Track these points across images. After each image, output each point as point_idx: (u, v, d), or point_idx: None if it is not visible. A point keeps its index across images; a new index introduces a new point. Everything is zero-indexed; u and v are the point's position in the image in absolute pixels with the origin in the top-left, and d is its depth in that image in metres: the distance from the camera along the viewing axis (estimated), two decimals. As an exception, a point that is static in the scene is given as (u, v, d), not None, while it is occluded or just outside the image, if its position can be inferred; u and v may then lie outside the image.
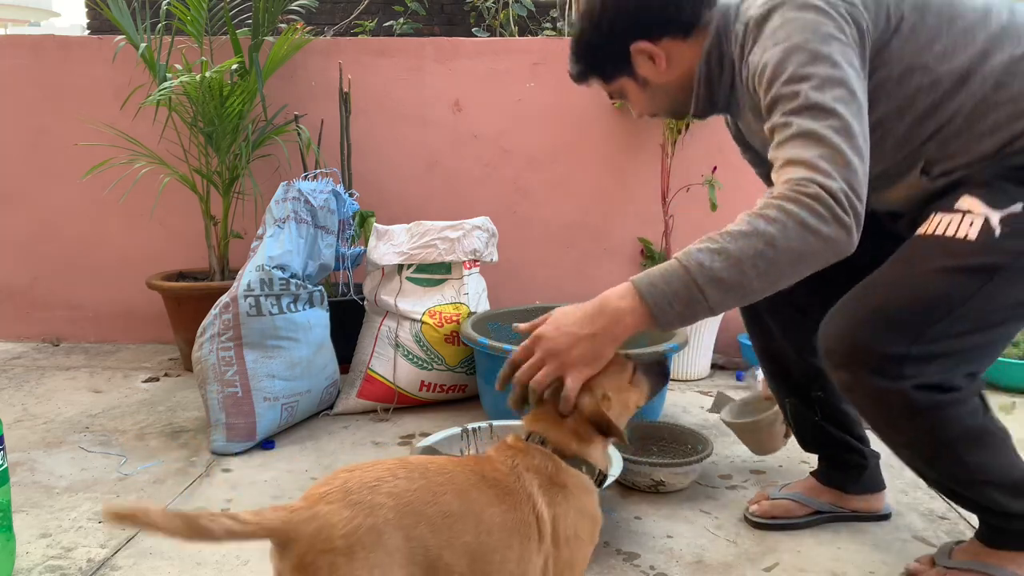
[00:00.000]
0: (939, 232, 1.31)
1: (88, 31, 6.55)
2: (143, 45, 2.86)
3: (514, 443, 1.25)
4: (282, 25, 3.15)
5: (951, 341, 1.28)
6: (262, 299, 2.30)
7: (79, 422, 2.48)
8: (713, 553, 1.72)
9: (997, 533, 1.45)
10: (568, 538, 1.18)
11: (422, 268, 2.65)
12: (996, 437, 1.38)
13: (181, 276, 3.15)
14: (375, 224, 2.72)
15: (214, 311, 2.32)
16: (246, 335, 2.28)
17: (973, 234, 1.27)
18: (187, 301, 2.91)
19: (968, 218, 1.28)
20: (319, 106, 3.16)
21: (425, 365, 2.58)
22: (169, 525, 0.94)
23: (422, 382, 2.59)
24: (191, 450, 2.27)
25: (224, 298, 2.32)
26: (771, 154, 1.28)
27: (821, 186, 1.18)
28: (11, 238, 3.42)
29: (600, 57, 1.52)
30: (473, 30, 5.01)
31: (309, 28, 3.19)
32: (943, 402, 1.31)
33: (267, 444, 2.31)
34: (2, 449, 1.54)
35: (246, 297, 2.29)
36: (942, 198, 1.36)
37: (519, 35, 4.63)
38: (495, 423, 2.05)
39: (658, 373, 1.34)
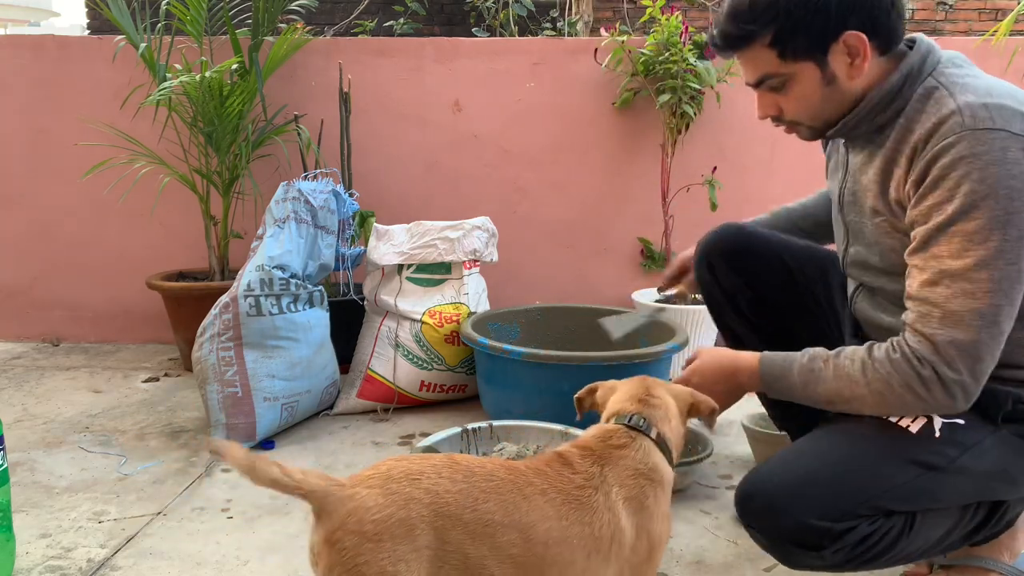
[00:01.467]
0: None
1: (88, 31, 6.55)
2: (143, 45, 2.85)
3: (608, 435, 1.24)
4: (282, 25, 3.15)
5: (873, 514, 1.28)
6: (262, 299, 2.30)
7: (79, 422, 2.48)
8: (713, 553, 1.72)
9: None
10: (651, 543, 1.19)
11: (422, 268, 2.65)
12: (927, 519, 1.34)
13: (181, 276, 3.15)
14: (375, 224, 2.72)
15: (214, 311, 2.32)
16: (246, 335, 2.28)
17: (914, 428, 1.29)
18: (187, 301, 2.91)
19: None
20: (319, 106, 3.16)
21: (425, 365, 2.58)
22: (240, 463, 1.01)
23: (422, 382, 2.59)
24: (191, 450, 2.27)
25: (224, 298, 2.32)
26: (915, 285, 1.26)
27: (938, 373, 1.21)
28: (11, 238, 3.42)
29: (804, 27, 1.28)
30: (473, 30, 5.01)
31: (309, 28, 3.18)
32: (857, 555, 1.29)
33: (267, 444, 2.31)
34: (2, 449, 1.54)
35: (246, 297, 2.29)
36: None
37: (519, 35, 4.63)
38: (495, 423, 2.05)
39: None
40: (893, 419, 1.31)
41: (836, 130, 1.39)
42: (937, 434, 1.29)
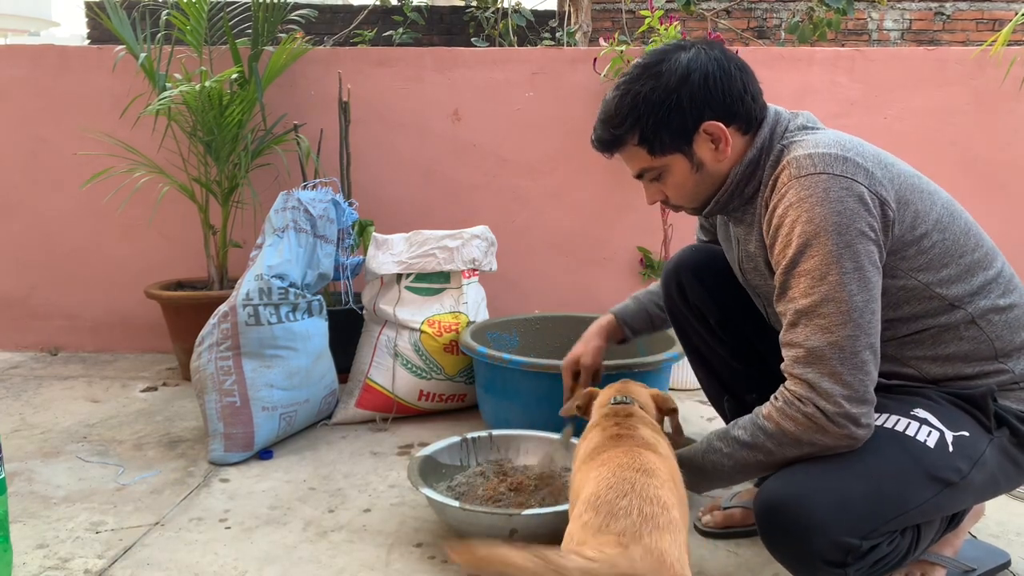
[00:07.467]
0: (900, 429, 1.33)
1: (88, 41, 6.57)
2: (143, 55, 2.86)
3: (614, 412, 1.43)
4: (281, 35, 3.16)
5: (893, 533, 1.30)
6: (261, 308, 2.29)
7: (77, 432, 2.47)
8: (713, 563, 1.71)
9: None
10: None
11: (421, 277, 2.64)
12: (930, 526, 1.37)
13: (180, 285, 3.14)
14: (374, 233, 2.72)
15: (212, 320, 2.31)
16: (244, 344, 2.27)
17: (931, 443, 1.31)
18: (185, 310, 2.90)
19: (926, 428, 1.32)
20: (318, 115, 3.16)
21: (424, 374, 2.57)
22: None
23: (421, 391, 2.58)
24: (189, 460, 2.26)
25: (223, 307, 2.32)
26: (783, 331, 1.34)
27: (819, 408, 1.26)
28: (9, 247, 3.42)
29: (664, 126, 1.40)
30: (472, 40, 5.04)
31: (308, 38, 3.19)
32: (873, 571, 1.32)
33: (265, 454, 2.30)
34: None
35: (245, 306, 2.28)
36: (883, 394, 1.39)
37: (518, 45, 4.65)
38: (495, 432, 2.04)
39: None
40: (911, 433, 1.31)
41: (710, 209, 1.50)
42: (951, 448, 1.31)
